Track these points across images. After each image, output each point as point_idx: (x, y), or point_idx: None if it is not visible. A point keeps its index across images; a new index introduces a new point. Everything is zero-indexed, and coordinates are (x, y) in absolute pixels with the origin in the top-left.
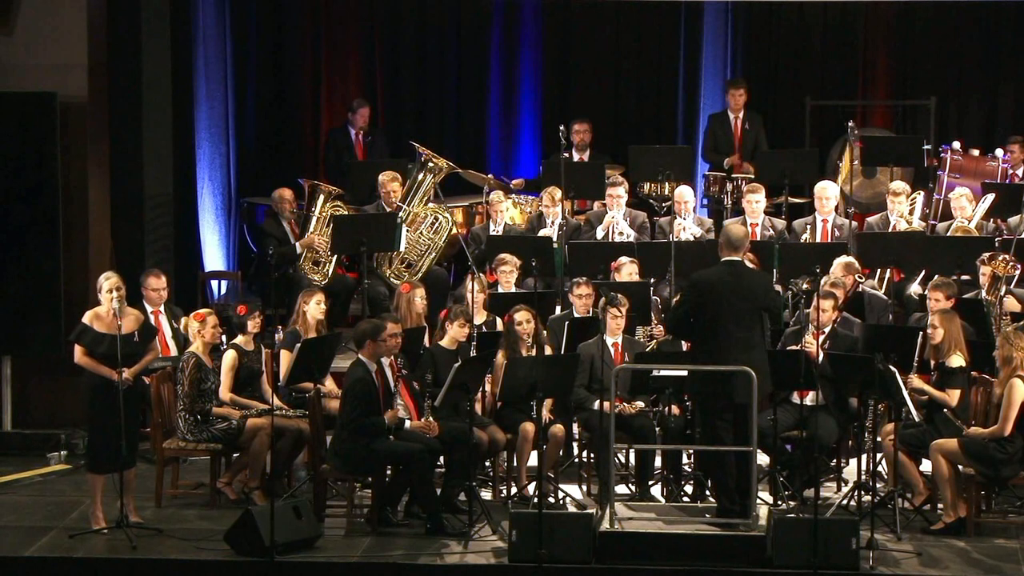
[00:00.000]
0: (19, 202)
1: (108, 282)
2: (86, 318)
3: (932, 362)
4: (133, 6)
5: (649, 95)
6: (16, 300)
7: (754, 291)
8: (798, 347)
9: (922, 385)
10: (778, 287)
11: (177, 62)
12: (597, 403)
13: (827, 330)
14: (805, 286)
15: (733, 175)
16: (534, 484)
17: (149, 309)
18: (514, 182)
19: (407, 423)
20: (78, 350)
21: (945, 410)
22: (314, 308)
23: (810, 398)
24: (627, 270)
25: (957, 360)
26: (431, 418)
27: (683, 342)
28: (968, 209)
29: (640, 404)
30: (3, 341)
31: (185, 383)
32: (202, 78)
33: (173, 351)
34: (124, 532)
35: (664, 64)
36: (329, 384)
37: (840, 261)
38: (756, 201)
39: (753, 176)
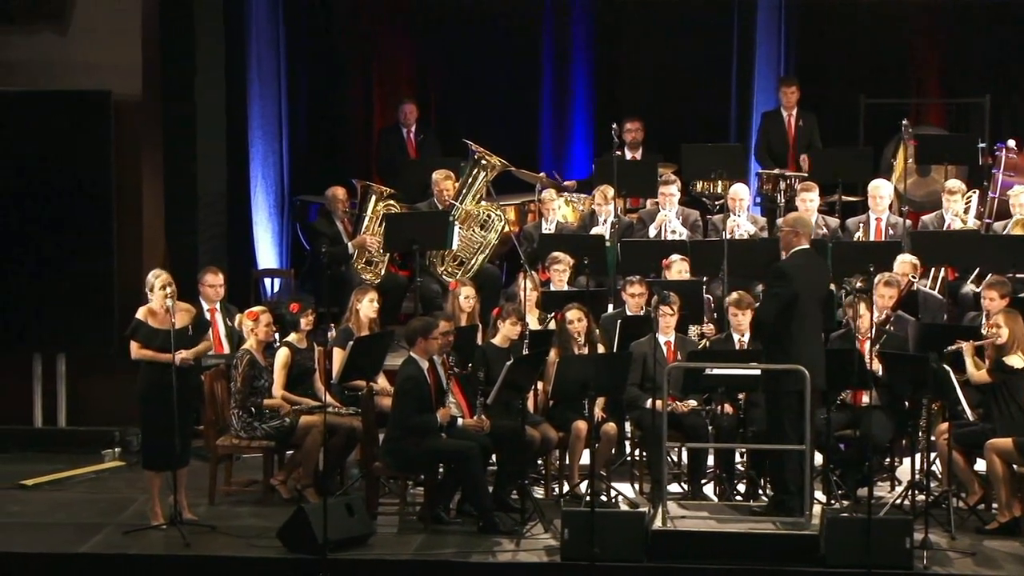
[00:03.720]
0: (73, 200)
1: (158, 280)
2: (139, 314)
3: (988, 361)
4: (187, 5)
5: (702, 93)
6: (70, 298)
7: (825, 279)
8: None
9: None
10: (831, 286)
11: (230, 61)
12: (649, 401)
13: (881, 318)
14: (859, 285)
15: (787, 173)
16: (586, 482)
17: (205, 306)
18: (567, 184)
19: (459, 421)
20: (134, 345)
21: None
22: (367, 306)
23: (865, 398)
24: (677, 268)
25: (1019, 361)
26: (483, 416)
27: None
28: None
29: (692, 403)
30: (58, 339)
31: (238, 380)
32: (255, 77)
33: (227, 349)
34: (178, 529)
35: (717, 62)
36: (381, 382)
37: (904, 259)
38: (810, 200)
39: (807, 174)
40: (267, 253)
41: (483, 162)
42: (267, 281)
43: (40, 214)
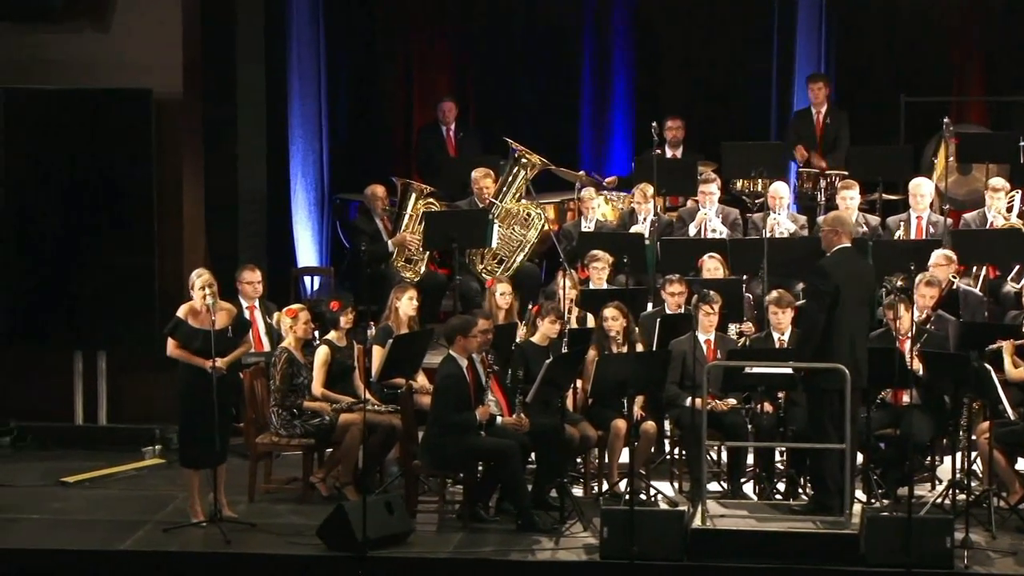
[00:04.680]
0: (114, 198)
1: (200, 279)
2: (180, 312)
3: None
4: (228, 4)
5: (742, 91)
6: (111, 297)
7: (869, 277)
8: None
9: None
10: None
11: (271, 60)
12: (688, 400)
13: (922, 317)
14: (899, 283)
15: (827, 172)
16: (625, 481)
17: (244, 304)
18: (607, 180)
19: (498, 419)
20: (170, 343)
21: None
22: (406, 304)
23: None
24: (708, 266)
25: None
26: (522, 415)
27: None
28: None
29: (732, 401)
30: (99, 337)
31: (276, 378)
32: (295, 75)
33: (267, 346)
34: (218, 527)
35: (757, 60)
36: (421, 379)
37: (939, 253)
38: (850, 198)
39: (847, 173)
40: (307, 251)
41: (523, 160)
42: (307, 279)
43: (81, 212)
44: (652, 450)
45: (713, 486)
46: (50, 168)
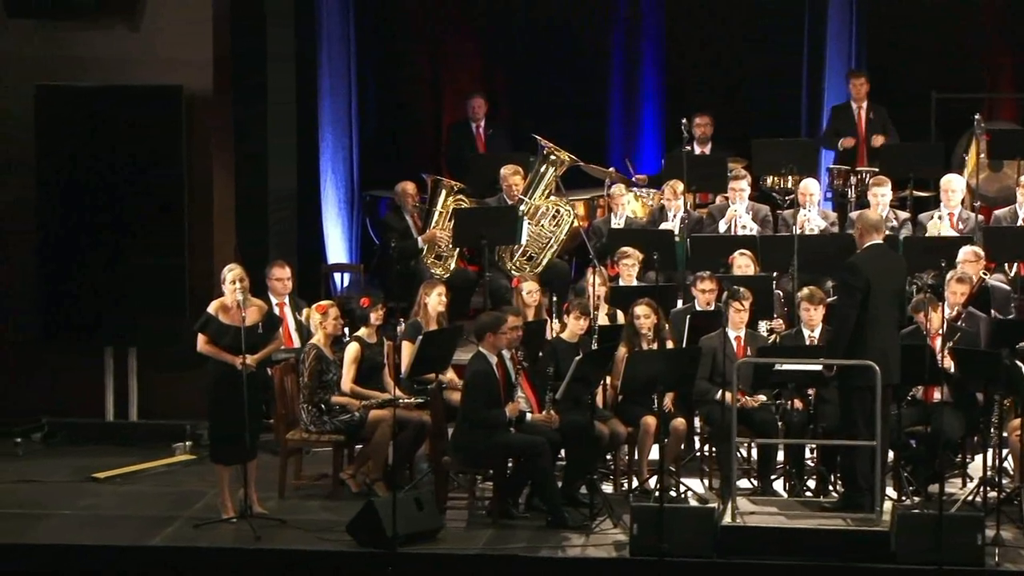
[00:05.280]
0: (145, 195)
1: (231, 273)
2: (211, 308)
3: None
4: (258, 1)
5: (772, 88)
6: (141, 293)
7: (901, 274)
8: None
9: None
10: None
11: (301, 57)
12: (719, 394)
13: (953, 314)
14: (930, 280)
15: (858, 168)
16: (655, 478)
17: (274, 300)
18: (637, 177)
19: (528, 416)
20: (201, 338)
21: None
22: (435, 300)
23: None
24: (738, 262)
25: None
26: (552, 411)
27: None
28: None
29: (762, 397)
30: (129, 333)
31: (305, 374)
32: (325, 72)
33: (297, 343)
34: (248, 522)
35: (788, 57)
36: (450, 375)
37: (968, 249)
38: (882, 194)
39: (878, 169)
40: (337, 248)
41: (552, 157)
42: (337, 276)
43: (112, 209)
44: (682, 447)
45: (743, 483)
46: (81, 165)
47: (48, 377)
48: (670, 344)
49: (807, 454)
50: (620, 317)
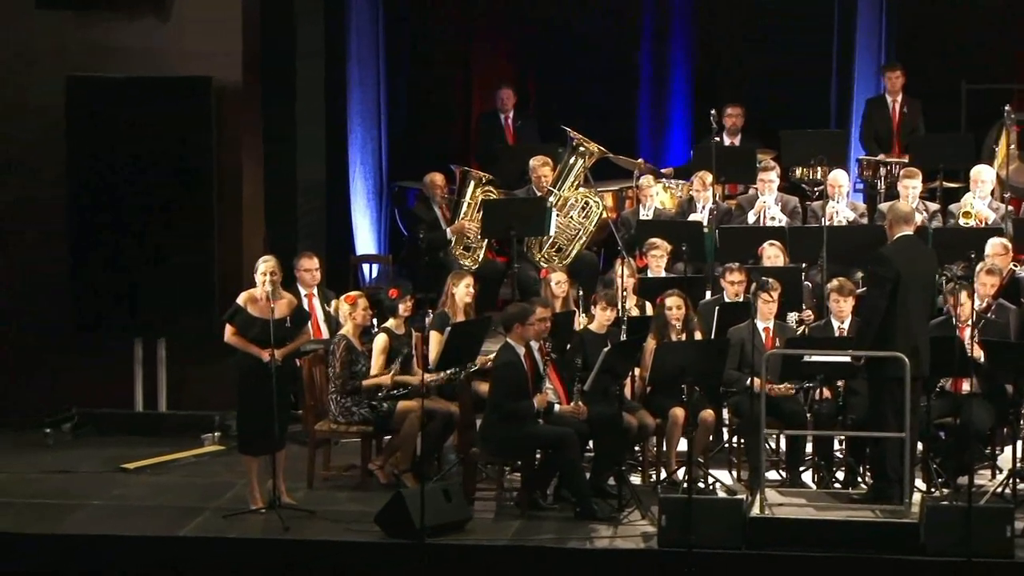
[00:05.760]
0: (174, 186)
1: (264, 265)
2: (240, 299)
3: None
4: None
5: (802, 79)
6: (171, 284)
7: (931, 265)
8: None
9: None
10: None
11: (330, 47)
12: (749, 380)
13: (983, 306)
14: (960, 272)
15: (887, 160)
16: (683, 469)
17: (303, 291)
18: (664, 170)
19: (556, 407)
20: (228, 329)
21: None
22: (462, 291)
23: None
24: (768, 253)
25: None
26: (580, 402)
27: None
28: None
29: (788, 385)
30: (159, 325)
31: (337, 365)
32: (354, 64)
33: (325, 334)
34: (276, 513)
35: (817, 47)
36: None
37: (995, 241)
38: (912, 186)
39: (908, 161)
40: (365, 239)
41: (581, 149)
42: (365, 267)
43: (141, 200)
44: (710, 438)
45: (772, 474)
46: (112, 156)
47: (78, 368)
48: (698, 335)
49: (836, 446)
50: (649, 309)
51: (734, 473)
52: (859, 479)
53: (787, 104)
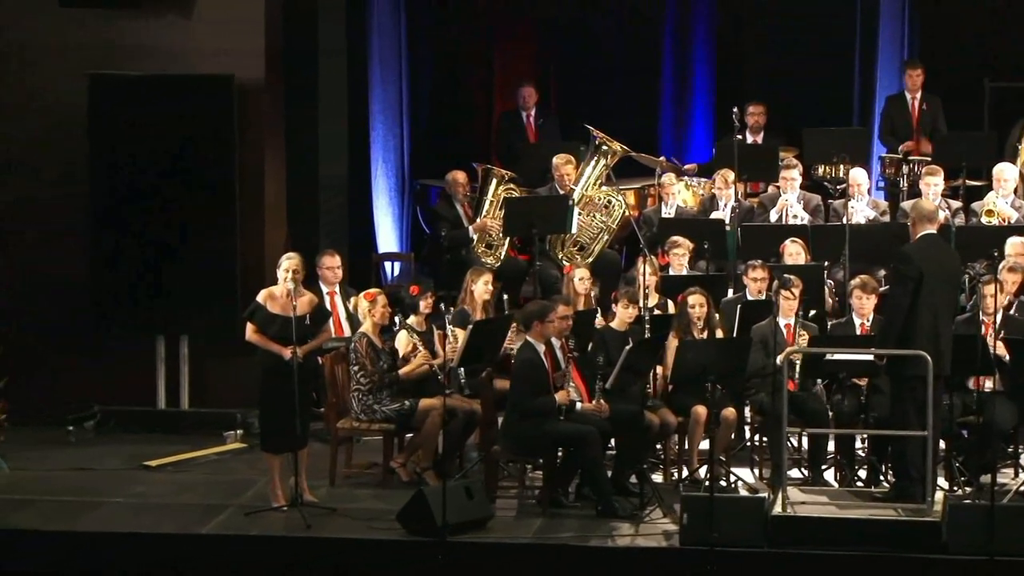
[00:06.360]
0: (196, 184)
1: (288, 262)
2: (260, 296)
3: None
4: None
5: (824, 76)
6: (193, 282)
7: (955, 264)
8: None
9: None
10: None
11: (352, 45)
12: (779, 358)
13: (1005, 303)
14: (983, 270)
15: (910, 158)
16: (705, 467)
17: (325, 289)
18: (687, 167)
19: (578, 405)
20: (249, 327)
21: None
22: (481, 288)
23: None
24: (790, 251)
25: None
26: (602, 400)
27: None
28: None
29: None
30: (181, 322)
31: (366, 363)
32: (376, 62)
33: (347, 331)
34: (298, 511)
35: (840, 45)
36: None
37: (1015, 240)
38: (934, 184)
39: (930, 159)
40: (387, 237)
41: (603, 147)
42: (387, 265)
43: (164, 197)
44: (732, 436)
45: (794, 473)
46: (134, 153)
47: (100, 365)
48: (720, 333)
49: (858, 444)
50: (671, 307)
51: (756, 471)
52: (881, 478)
53: (809, 102)
